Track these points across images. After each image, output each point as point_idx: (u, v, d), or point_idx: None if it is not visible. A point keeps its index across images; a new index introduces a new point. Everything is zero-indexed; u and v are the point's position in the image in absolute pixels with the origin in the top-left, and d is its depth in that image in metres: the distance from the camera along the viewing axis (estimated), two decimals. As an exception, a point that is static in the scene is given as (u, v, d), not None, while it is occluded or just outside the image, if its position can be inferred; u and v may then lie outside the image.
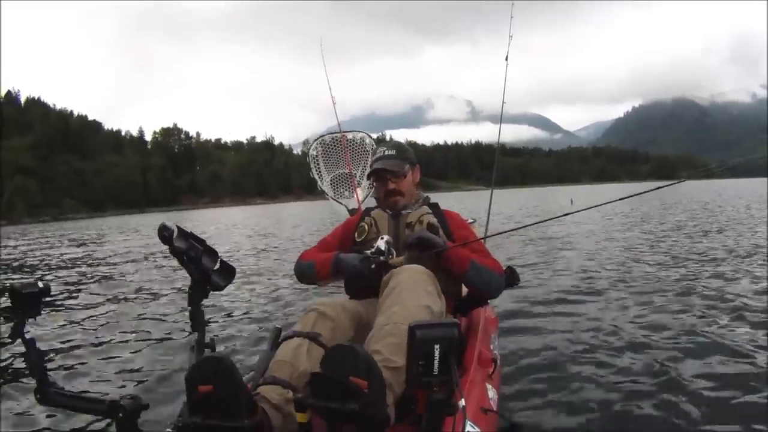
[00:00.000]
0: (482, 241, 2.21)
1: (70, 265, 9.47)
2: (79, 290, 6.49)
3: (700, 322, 3.54)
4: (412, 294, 1.58)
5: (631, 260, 6.33)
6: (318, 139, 4.07)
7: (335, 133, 4.03)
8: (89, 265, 9.30)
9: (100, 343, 3.85)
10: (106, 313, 4.98)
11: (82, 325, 4.51)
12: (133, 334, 4.08)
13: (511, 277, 2.10)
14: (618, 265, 5.96)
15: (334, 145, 4.00)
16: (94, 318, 4.77)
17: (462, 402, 1.18)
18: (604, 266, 5.96)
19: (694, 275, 5.17)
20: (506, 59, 3.68)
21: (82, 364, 3.38)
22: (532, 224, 2.15)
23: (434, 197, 2.33)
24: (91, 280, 7.38)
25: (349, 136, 3.98)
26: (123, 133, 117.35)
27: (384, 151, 2.22)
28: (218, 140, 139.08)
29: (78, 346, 3.80)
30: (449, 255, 1.91)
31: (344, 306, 1.75)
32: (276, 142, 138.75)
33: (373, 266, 1.86)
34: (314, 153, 3.98)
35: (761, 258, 5.94)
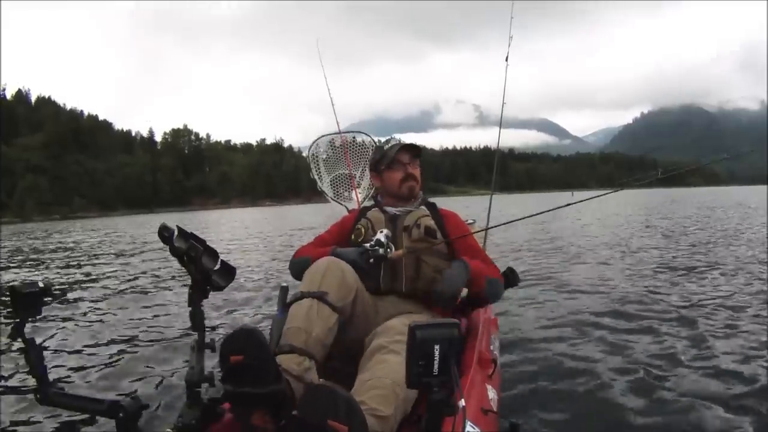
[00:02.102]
0: (481, 244, 2.19)
1: (70, 265, 9.53)
2: (80, 290, 6.52)
3: (702, 320, 3.56)
4: (396, 355, 1.50)
5: (633, 261, 6.31)
6: (318, 139, 4.06)
7: (335, 133, 4.03)
8: (90, 265, 9.35)
9: (100, 344, 3.85)
10: (106, 313, 4.99)
11: (82, 324, 4.52)
12: (133, 335, 4.07)
13: (511, 278, 2.09)
14: (619, 266, 5.95)
15: (334, 146, 4.00)
16: (94, 318, 4.78)
17: (462, 402, 1.16)
18: (605, 267, 5.96)
19: (694, 275, 5.19)
20: (506, 60, 3.66)
21: (83, 364, 3.38)
22: (531, 215, 2.12)
23: (441, 202, 2.32)
24: (92, 280, 7.42)
25: (349, 136, 3.98)
26: (133, 134, 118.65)
27: (400, 140, 2.22)
28: (228, 142, 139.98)
29: (78, 346, 3.80)
30: (470, 279, 1.87)
31: (346, 266, 1.74)
32: (285, 145, 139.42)
33: (371, 260, 1.85)
34: (314, 153, 3.98)
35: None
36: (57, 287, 6.68)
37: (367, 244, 1.89)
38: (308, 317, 1.53)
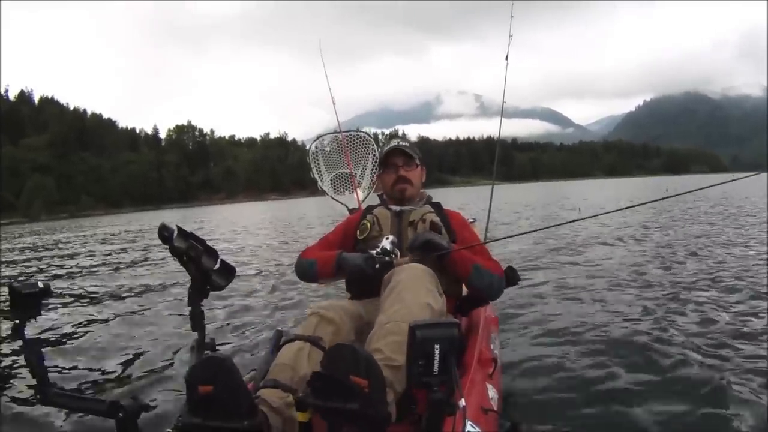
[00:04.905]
0: (481, 239, 2.20)
1: (71, 265, 9.57)
2: (80, 290, 6.55)
3: (705, 323, 3.45)
4: (413, 292, 1.58)
5: (637, 260, 6.20)
6: (317, 139, 4.05)
7: (335, 132, 4.01)
8: (90, 265, 9.40)
9: (101, 343, 3.86)
10: (106, 313, 5.00)
11: (82, 324, 4.54)
12: (133, 335, 4.08)
13: (511, 277, 2.08)
14: (622, 265, 5.84)
15: (334, 145, 3.99)
16: (94, 318, 4.79)
17: (462, 402, 1.17)
18: (608, 266, 5.84)
19: (705, 274, 5.07)
20: (506, 59, 3.64)
21: (83, 364, 3.39)
22: (533, 231, 2.14)
23: (446, 193, 2.32)
24: (91, 280, 7.46)
25: (349, 135, 3.96)
26: (138, 131, 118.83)
27: (398, 142, 2.27)
28: (232, 137, 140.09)
29: (78, 347, 3.81)
30: (453, 258, 1.90)
31: (345, 309, 1.74)
32: (289, 138, 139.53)
33: (377, 266, 1.84)
34: (314, 152, 3.97)
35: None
36: (56, 286, 6.71)
37: (373, 251, 1.89)
38: (297, 357, 1.53)
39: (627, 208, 1.90)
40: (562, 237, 8.79)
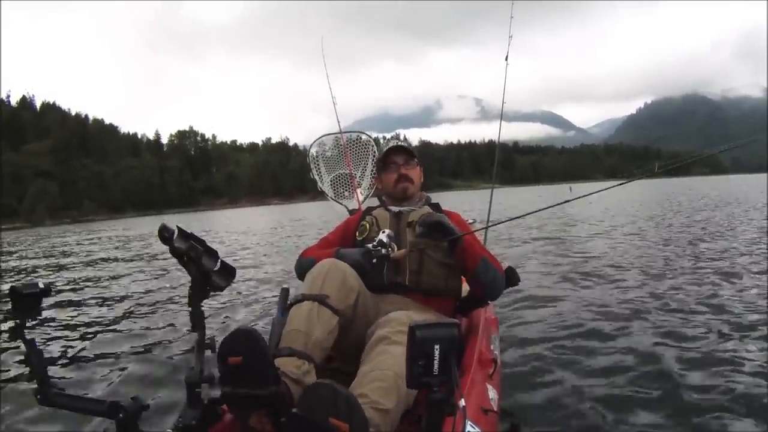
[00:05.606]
0: (481, 240, 2.19)
1: (71, 266, 9.59)
2: (80, 290, 6.56)
3: (709, 324, 3.41)
4: (399, 346, 1.48)
5: (637, 258, 6.20)
6: (317, 139, 4.05)
7: (335, 133, 4.01)
8: (90, 265, 9.41)
9: (101, 344, 3.87)
10: (106, 313, 5.02)
11: (82, 325, 4.55)
12: (134, 335, 4.09)
13: (512, 277, 2.07)
14: (623, 264, 5.84)
15: (334, 146, 3.98)
16: (95, 318, 4.81)
17: (462, 402, 1.15)
18: (609, 265, 5.83)
19: (704, 271, 5.06)
20: (506, 59, 3.65)
21: (83, 364, 3.40)
22: (532, 212, 2.12)
23: (447, 196, 2.32)
24: (92, 280, 7.46)
25: (349, 136, 3.95)
26: (140, 136, 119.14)
27: (396, 142, 2.28)
28: (234, 142, 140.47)
29: (79, 347, 3.82)
30: (464, 246, 1.88)
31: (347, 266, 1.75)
32: (291, 143, 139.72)
33: (374, 260, 1.85)
34: (314, 153, 3.97)
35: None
36: (57, 288, 6.74)
37: (370, 245, 1.90)
38: (308, 320, 1.53)
39: (621, 183, 1.89)
40: (561, 236, 8.80)
